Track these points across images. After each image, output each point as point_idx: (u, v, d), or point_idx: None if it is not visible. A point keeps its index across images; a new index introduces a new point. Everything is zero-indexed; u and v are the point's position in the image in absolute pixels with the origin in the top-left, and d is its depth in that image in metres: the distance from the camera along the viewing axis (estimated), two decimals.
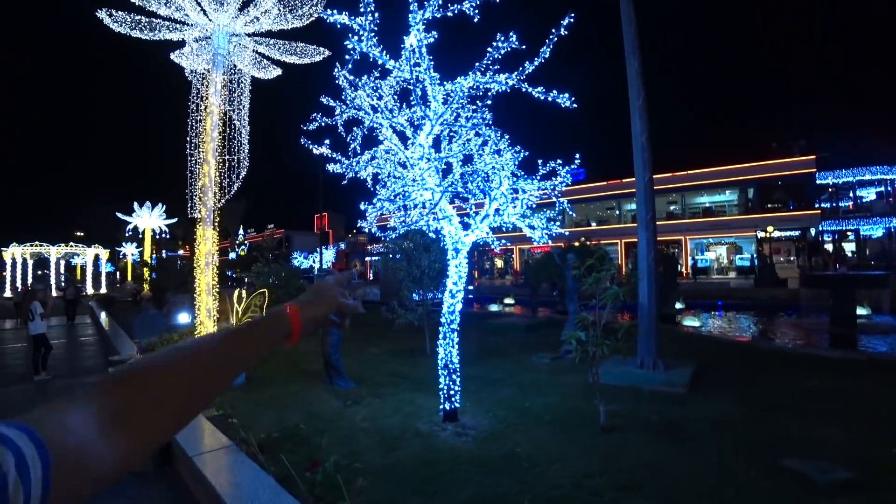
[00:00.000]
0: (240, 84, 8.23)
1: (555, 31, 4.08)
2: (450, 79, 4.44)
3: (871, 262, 26.94)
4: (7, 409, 7.59)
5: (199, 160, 8.15)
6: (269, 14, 7.23)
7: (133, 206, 30.36)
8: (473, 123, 4.89)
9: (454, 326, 5.84)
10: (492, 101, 5.11)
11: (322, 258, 33.46)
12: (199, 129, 8.08)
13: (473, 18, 4.05)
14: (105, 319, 15.67)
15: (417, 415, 6.05)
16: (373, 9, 3.99)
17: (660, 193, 34.53)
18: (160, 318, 14.95)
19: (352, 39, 4.12)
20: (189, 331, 8.87)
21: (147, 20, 6.94)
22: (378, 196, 5.79)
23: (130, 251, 38.89)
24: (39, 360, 9.24)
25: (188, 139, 8.08)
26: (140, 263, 29.74)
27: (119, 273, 45.33)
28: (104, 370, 9.50)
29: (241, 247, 56.24)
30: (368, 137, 5.71)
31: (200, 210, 8.23)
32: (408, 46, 4.21)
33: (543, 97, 4.42)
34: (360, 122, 5.49)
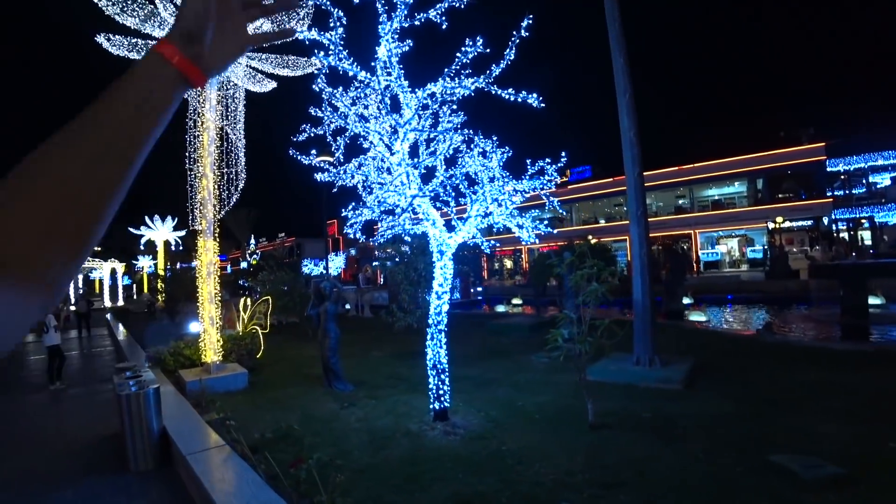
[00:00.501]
0: (234, 99, 8.47)
1: (515, 34, 4.17)
2: (421, 86, 4.57)
3: (893, 249, 26.21)
4: (21, 416, 7.91)
5: (199, 174, 8.40)
6: (260, 30, 7.44)
7: (145, 221, 31.16)
8: (450, 128, 4.99)
9: (441, 327, 5.93)
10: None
11: (328, 265, 33.80)
12: (197, 145, 8.33)
13: (442, 25, 4.16)
14: (120, 330, 16.10)
15: (410, 415, 6.16)
16: (343, 23, 4.14)
17: (667, 188, 34.20)
18: (172, 327, 15.33)
19: (320, 56, 4.27)
20: (196, 339, 9.10)
21: (143, 42, 7.23)
22: (364, 202, 5.93)
23: (146, 264, 39.83)
24: (54, 371, 9.59)
25: (187, 154, 8.34)
26: (154, 275, 30.43)
27: (135, 285, 46.39)
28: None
29: (253, 255, 56.98)
30: (353, 146, 5.86)
31: (201, 222, 8.48)
32: (380, 56, 4.34)
33: (512, 98, 4.51)
34: (345, 131, 5.64)
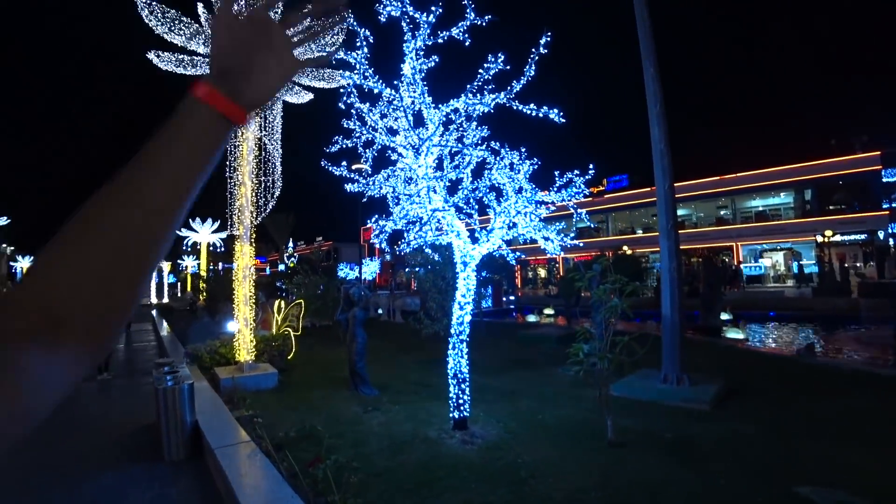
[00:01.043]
0: (272, 111, 8.91)
1: (534, 51, 4.24)
2: (444, 101, 4.70)
3: None
4: (73, 402, 8.46)
5: (237, 182, 8.86)
6: (297, 45, 7.82)
7: (189, 223, 32.82)
8: (471, 143, 5.09)
9: (463, 337, 6.00)
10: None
11: (362, 269, 34.50)
12: (237, 154, 8.79)
13: (464, 43, 4.28)
14: (164, 327, 17.00)
15: (430, 422, 6.25)
16: (370, 41, 4.34)
17: (708, 198, 33.04)
18: (213, 326, 16.06)
19: (346, 76, 4.48)
20: (232, 338, 9.52)
21: (189, 58, 7.74)
22: (390, 213, 6.11)
23: (190, 263, 41.86)
24: (103, 362, 10.25)
25: (227, 163, 8.81)
26: (196, 275, 31.93)
27: (180, 284, 48.71)
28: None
29: (291, 258, 58.66)
30: (382, 157, 6.05)
31: (238, 227, 8.92)
32: (405, 73, 4.51)
33: (534, 114, 4.57)
34: (373, 143, 5.84)
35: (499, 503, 3.97)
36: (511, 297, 28.33)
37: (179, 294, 40.55)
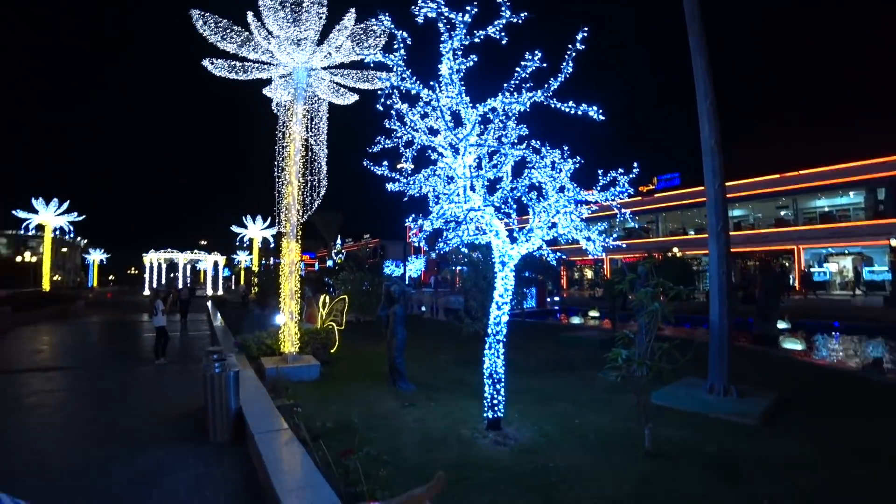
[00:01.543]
0: (318, 113, 9.24)
1: (571, 47, 4.15)
2: (481, 100, 4.69)
3: None
4: (132, 384, 9.19)
5: (285, 181, 9.25)
6: (342, 49, 8.09)
7: (242, 220, 34.57)
8: (512, 142, 5.06)
9: (500, 337, 5.97)
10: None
11: (406, 267, 35.05)
12: (285, 154, 9.18)
13: (501, 41, 4.26)
14: (217, 317, 18.00)
15: (465, 421, 6.28)
16: (407, 43, 4.40)
17: (767, 198, 31.04)
18: (262, 318, 16.87)
19: (384, 78, 4.58)
20: (278, 330, 9.92)
21: (241, 64, 8.17)
22: (429, 212, 6.18)
23: (243, 258, 44.20)
24: (160, 348, 11.03)
25: (276, 163, 9.22)
26: (249, 269, 33.62)
27: (234, 277, 51.48)
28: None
29: (339, 255, 60.38)
30: (422, 157, 6.13)
31: (285, 225, 9.32)
32: (443, 74, 4.55)
33: (573, 111, 4.48)
34: (412, 143, 5.93)
35: None
36: (556, 298, 27.85)
37: (233, 287, 42.87)
